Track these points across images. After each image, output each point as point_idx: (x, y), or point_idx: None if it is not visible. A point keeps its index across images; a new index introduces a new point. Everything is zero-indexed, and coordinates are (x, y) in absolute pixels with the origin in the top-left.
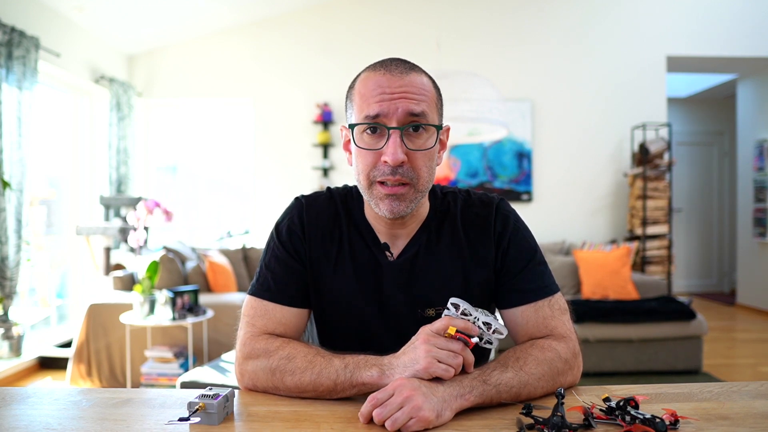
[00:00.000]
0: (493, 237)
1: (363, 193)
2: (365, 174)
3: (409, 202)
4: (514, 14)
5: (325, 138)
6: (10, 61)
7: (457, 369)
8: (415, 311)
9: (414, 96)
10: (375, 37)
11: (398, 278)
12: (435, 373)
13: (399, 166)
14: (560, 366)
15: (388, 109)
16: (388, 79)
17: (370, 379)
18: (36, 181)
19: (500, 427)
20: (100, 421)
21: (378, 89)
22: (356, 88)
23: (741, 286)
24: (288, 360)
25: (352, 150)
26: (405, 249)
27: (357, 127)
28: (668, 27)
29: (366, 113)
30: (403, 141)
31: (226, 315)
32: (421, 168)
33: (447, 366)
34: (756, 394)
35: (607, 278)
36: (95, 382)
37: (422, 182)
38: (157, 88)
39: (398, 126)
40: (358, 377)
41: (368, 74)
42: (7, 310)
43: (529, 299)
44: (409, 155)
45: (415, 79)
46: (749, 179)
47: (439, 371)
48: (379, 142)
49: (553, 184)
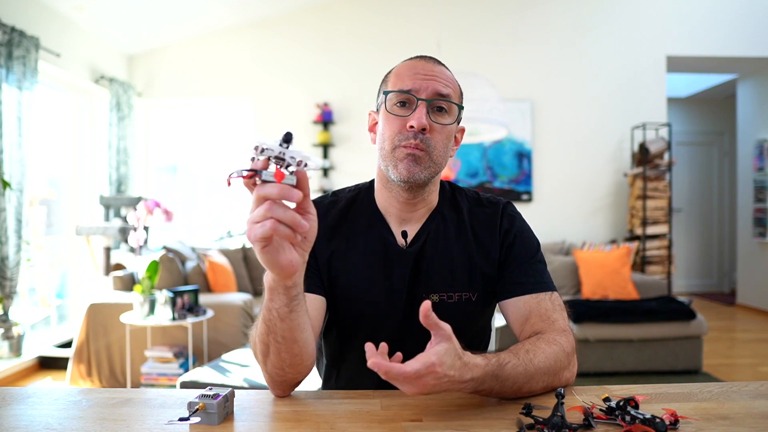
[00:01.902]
0: (499, 234)
1: (383, 161)
2: (390, 139)
3: (423, 168)
4: (514, 14)
5: (325, 138)
6: (10, 61)
7: (267, 213)
8: (420, 296)
9: (442, 80)
10: (375, 38)
11: (407, 264)
12: (256, 234)
13: (421, 132)
14: (563, 360)
15: (419, 86)
16: (423, 65)
17: (268, 281)
18: (36, 181)
19: (500, 427)
20: (100, 421)
21: (413, 69)
22: (393, 71)
23: (741, 286)
24: (253, 337)
25: (381, 118)
26: (415, 237)
27: (390, 97)
28: (668, 27)
29: (400, 87)
30: (428, 114)
31: (226, 315)
32: (438, 142)
33: (260, 222)
34: (756, 394)
35: (607, 278)
36: (95, 382)
37: (437, 153)
38: (157, 88)
39: (427, 99)
40: (266, 289)
41: (406, 61)
42: (7, 310)
43: (531, 290)
44: (431, 126)
45: (444, 71)
46: (749, 179)
47: (257, 231)
48: (408, 112)
49: (553, 184)
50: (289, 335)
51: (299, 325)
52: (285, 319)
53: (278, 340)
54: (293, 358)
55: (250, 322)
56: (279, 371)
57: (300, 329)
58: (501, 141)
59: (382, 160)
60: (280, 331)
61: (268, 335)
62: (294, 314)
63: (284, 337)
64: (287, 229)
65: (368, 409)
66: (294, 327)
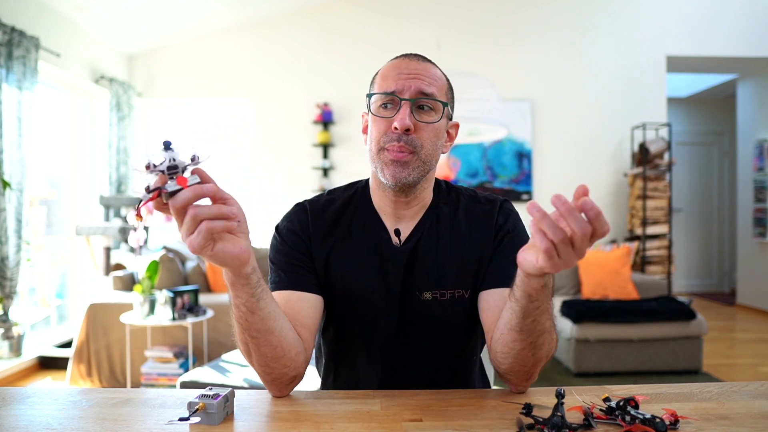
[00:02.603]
0: (493, 229)
1: (372, 163)
2: (376, 140)
3: (411, 169)
4: (514, 14)
5: (325, 138)
6: (10, 61)
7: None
8: (414, 293)
9: (426, 78)
10: (375, 38)
11: (401, 262)
12: (201, 245)
13: (405, 134)
14: (552, 349)
15: (402, 87)
16: (407, 64)
17: (226, 279)
18: (36, 181)
19: (500, 427)
20: (100, 421)
21: (396, 69)
22: (378, 72)
23: (741, 286)
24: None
25: (369, 120)
26: (410, 235)
27: (374, 99)
28: (668, 27)
29: (384, 89)
30: (413, 113)
31: (226, 315)
32: (426, 140)
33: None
34: (756, 394)
35: (607, 278)
36: (95, 382)
37: (425, 152)
38: (157, 88)
39: (410, 99)
40: (229, 289)
41: (391, 61)
42: (7, 310)
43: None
44: (415, 126)
45: (429, 68)
46: (749, 179)
47: (195, 241)
48: (392, 113)
49: (553, 184)
50: (262, 326)
51: (270, 313)
52: (255, 310)
53: (254, 335)
54: (274, 350)
55: None
56: (265, 368)
57: (272, 317)
58: (501, 141)
59: (371, 161)
60: (253, 325)
61: (244, 333)
62: (262, 302)
63: (258, 330)
64: (221, 222)
65: (368, 409)
66: (266, 317)
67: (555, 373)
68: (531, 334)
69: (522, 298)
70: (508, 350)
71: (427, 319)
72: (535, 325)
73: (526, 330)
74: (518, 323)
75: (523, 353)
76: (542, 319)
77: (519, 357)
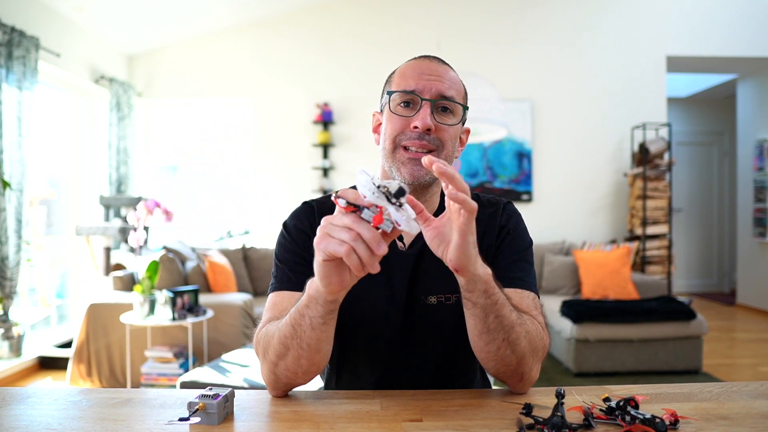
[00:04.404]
0: (496, 230)
1: (385, 161)
2: (392, 138)
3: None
4: (514, 14)
5: (325, 138)
6: (10, 61)
7: (349, 242)
8: (419, 298)
9: (446, 81)
10: (375, 38)
11: (406, 267)
12: (328, 250)
13: (426, 133)
14: (540, 344)
15: (423, 87)
16: (428, 65)
17: (311, 289)
18: (36, 181)
19: (500, 427)
20: (100, 421)
21: (417, 70)
22: (397, 71)
23: (741, 286)
24: (269, 334)
25: (384, 118)
26: (415, 239)
27: (394, 97)
28: (668, 27)
29: (404, 87)
30: (433, 114)
31: (226, 315)
32: (447, 140)
33: (339, 240)
34: (756, 394)
35: (607, 278)
36: (95, 382)
37: (446, 153)
38: (157, 88)
39: (431, 99)
40: (305, 295)
41: (410, 61)
42: (7, 310)
43: (515, 285)
44: (436, 127)
45: (449, 71)
46: (749, 179)
47: (331, 247)
48: (411, 112)
49: (553, 184)
50: (315, 345)
51: (328, 337)
52: (316, 329)
53: (302, 346)
54: (311, 366)
55: (249, 322)
56: (291, 375)
57: (327, 341)
58: (501, 141)
59: (384, 160)
60: (306, 339)
61: (293, 339)
62: (326, 326)
63: (309, 345)
64: (357, 259)
65: (368, 409)
66: (322, 338)
67: (555, 373)
68: (501, 331)
69: (479, 299)
70: (486, 354)
71: (432, 323)
72: (501, 320)
73: (493, 329)
74: (483, 325)
75: (500, 353)
76: (505, 312)
77: (499, 358)
